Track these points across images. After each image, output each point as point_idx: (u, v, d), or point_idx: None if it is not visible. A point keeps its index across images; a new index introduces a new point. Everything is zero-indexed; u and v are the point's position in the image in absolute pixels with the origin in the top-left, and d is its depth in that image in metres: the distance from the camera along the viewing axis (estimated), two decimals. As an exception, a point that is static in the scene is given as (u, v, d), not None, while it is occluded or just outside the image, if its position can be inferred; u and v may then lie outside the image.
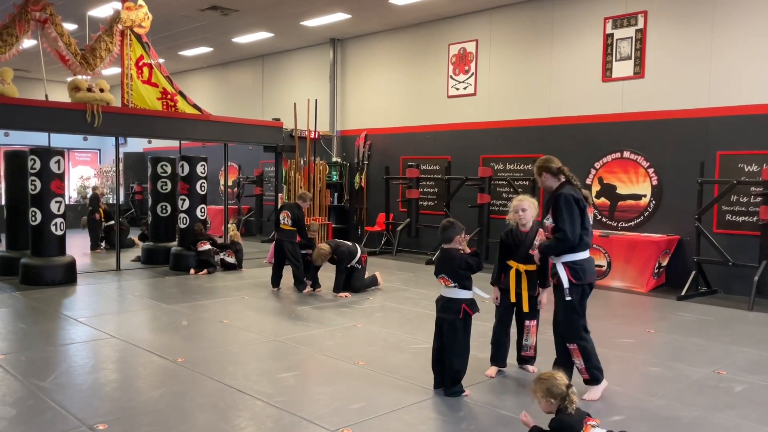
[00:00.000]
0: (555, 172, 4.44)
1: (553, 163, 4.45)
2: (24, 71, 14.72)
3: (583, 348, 4.29)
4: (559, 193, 4.33)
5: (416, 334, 5.97)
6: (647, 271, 8.63)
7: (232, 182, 15.84)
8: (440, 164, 12.01)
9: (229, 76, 17.17)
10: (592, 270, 4.40)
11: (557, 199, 4.30)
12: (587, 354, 4.30)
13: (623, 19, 9.50)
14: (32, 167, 8.43)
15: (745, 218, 8.40)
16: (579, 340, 4.30)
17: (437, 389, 4.37)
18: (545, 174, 4.47)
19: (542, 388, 3.17)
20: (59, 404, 4.05)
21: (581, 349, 4.29)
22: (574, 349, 4.31)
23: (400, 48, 12.79)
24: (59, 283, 8.41)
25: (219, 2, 11.28)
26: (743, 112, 8.41)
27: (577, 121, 10.05)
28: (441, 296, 4.39)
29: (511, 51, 10.98)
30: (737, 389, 4.57)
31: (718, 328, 6.50)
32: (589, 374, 4.32)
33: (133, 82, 10.12)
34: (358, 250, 8.17)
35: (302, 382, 4.63)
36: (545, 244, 4.37)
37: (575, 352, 4.31)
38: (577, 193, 4.33)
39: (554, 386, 3.12)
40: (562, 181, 4.44)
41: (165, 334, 5.97)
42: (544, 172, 4.47)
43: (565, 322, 4.33)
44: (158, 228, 10.70)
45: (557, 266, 4.33)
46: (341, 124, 14.13)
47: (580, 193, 4.36)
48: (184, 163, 10.10)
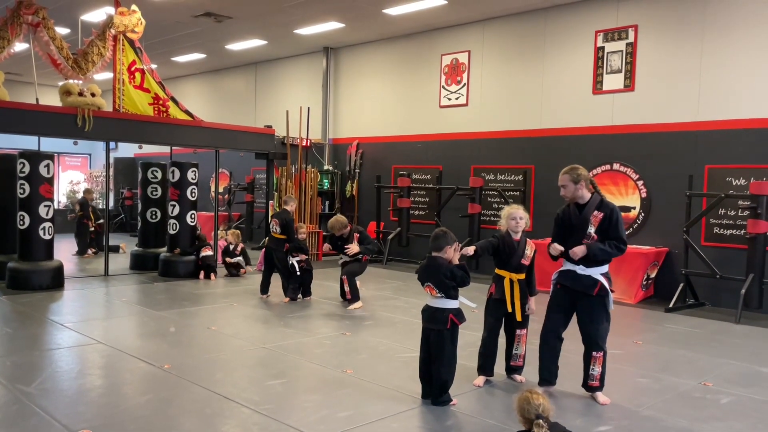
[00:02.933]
0: (590, 182, 4.48)
1: (587, 173, 4.50)
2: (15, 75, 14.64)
3: (605, 356, 4.45)
4: (613, 205, 4.44)
5: (405, 342, 5.96)
6: (636, 282, 8.67)
7: (222, 189, 15.79)
8: (431, 174, 12.04)
9: (221, 83, 17.17)
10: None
11: (614, 211, 4.38)
12: (605, 362, 4.45)
13: (614, 33, 9.60)
14: (21, 171, 8.38)
15: (732, 231, 8.47)
16: (605, 348, 4.44)
17: (425, 399, 4.36)
18: (582, 183, 4.44)
19: (518, 406, 3.15)
20: (44, 409, 4.01)
21: (605, 356, 4.44)
22: (599, 357, 4.42)
23: (393, 57, 12.84)
24: (46, 288, 8.35)
25: (213, 9, 11.29)
26: (732, 126, 8.50)
27: (568, 133, 10.12)
28: (427, 306, 4.38)
29: (503, 62, 11.06)
30: (723, 401, 4.60)
31: (705, 341, 6.54)
32: (600, 382, 4.46)
33: (125, 87, 10.10)
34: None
35: (290, 389, 4.61)
36: (600, 247, 4.34)
37: (599, 359, 4.42)
38: None
39: (525, 410, 3.10)
40: (594, 192, 4.48)
41: (152, 341, 5.93)
42: (582, 181, 4.44)
43: (601, 331, 4.43)
44: (147, 234, 10.65)
45: (596, 277, 4.38)
46: (333, 132, 14.14)
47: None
48: (175, 168, 10.06)
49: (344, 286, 7.79)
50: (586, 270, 4.41)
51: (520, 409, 3.11)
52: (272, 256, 8.13)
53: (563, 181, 4.49)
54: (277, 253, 8.06)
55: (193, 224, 10.18)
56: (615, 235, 4.36)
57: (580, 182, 4.44)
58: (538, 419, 3.03)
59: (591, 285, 4.39)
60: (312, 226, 12.06)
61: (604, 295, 4.40)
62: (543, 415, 3.04)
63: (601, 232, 4.39)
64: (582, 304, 4.46)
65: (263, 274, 8.34)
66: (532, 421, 3.05)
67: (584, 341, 4.48)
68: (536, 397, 3.11)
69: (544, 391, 3.54)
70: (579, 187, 4.45)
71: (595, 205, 4.44)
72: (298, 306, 7.77)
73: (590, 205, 4.45)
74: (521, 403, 3.11)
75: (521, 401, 3.12)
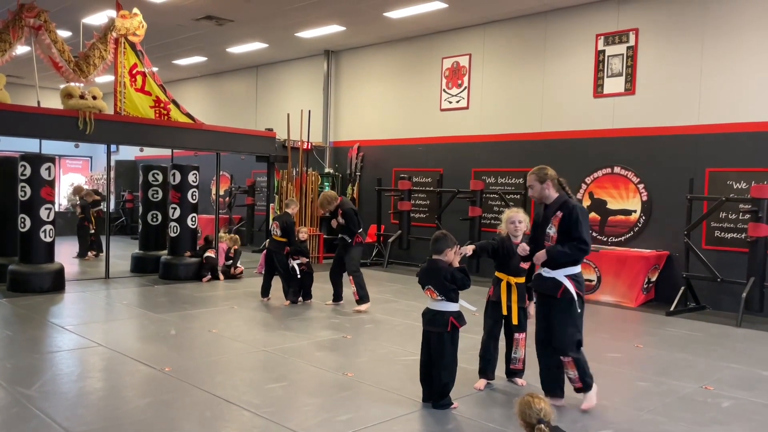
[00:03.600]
0: (557, 182, 4.42)
1: (554, 173, 4.43)
2: (17, 77, 14.67)
3: (576, 360, 4.29)
4: (574, 204, 4.32)
5: (406, 346, 5.96)
6: (637, 286, 8.67)
7: (223, 192, 15.80)
8: (432, 177, 12.05)
9: (222, 86, 17.19)
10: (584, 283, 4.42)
11: (574, 210, 4.26)
12: (581, 365, 4.29)
13: (615, 36, 9.61)
14: (22, 173, 8.39)
15: (733, 235, 8.47)
16: (574, 353, 4.28)
17: (426, 402, 4.36)
18: (549, 183, 4.37)
19: (519, 410, 3.13)
20: (44, 412, 4.01)
21: (575, 361, 4.27)
22: (569, 362, 4.28)
23: (394, 61, 12.86)
24: (47, 291, 8.35)
25: (214, 12, 11.31)
26: (732, 130, 8.50)
27: (569, 136, 10.12)
28: (428, 309, 4.38)
29: (503, 66, 11.07)
30: (724, 405, 4.59)
31: (706, 344, 6.53)
32: (582, 383, 4.32)
33: (126, 90, 10.11)
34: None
35: (290, 392, 4.61)
36: (558, 249, 4.24)
37: (570, 364, 4.28)
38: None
39: (526, 414, 3.08)
40: (562, 192, 4.42)
41: (153, 343, 5.93)
42: (548, 181, 4.37)
43: (566, 335, 4.27)
44: (148, 236, 10.66)
45: (560, 279, 4.24)
46: (334, 135, 14.15)
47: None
48: (176, 171, 10.07)
49: (350, 286, 7.68)
50: (550, 273, 4.30)
51: (521, 413, 3.09)
52: (273, 259, 8.12)
53: (530, 181, 4.45)
54: (278, 256, 8.06)
55: (194, 227, 10.19)
56: (576, 236, 4.22)
57: (546, 182, 4.37)
58: (539, 423, 3.03)
59: (554, 287, 4.28)
60: (313, 228, 12.06)
61: (569, 298, 4.25)
62: (545, 419, 3.03)
63: (562, 233, 4.27)
64: (549, 306, 4.36)
65: (264, 277, 8.34)
66: (533, 426, 3.04)
67: (552, 345, 4.37)
68: (537, 401, 3.09)
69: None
70: (545, 186, 4.37)
71: (557, 205, 4.37)
72: (299, 309, 7.77)
73: (553, 205, 4.39)
74: (522, 407, 3.10)
75: (522, 405, 3.10)
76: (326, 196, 7.77)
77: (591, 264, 9.00)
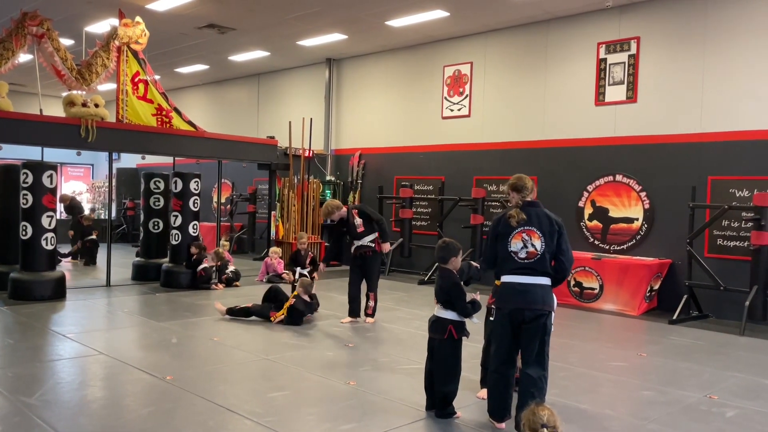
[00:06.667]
0: (514, 192, 4.41)
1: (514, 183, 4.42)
2: (19, 85, 14.70)
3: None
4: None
5: (408, 354, 5.93)
6: (639, 294, 8.64)
7: (225, 199, 15.80)
8: (434, 184, 12.05)
9: (224, 94, 17.23)
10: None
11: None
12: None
13: (616, 45, 9.62)
14: (24, 181, 8.39)
15: (736, 243, 8.45)
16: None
17: (429, 411, 4.34)
18: (511, 193, 4.42)
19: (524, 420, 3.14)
20: (45, 421, 3.99)
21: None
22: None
23: (396, 69, 12.88)
24: (48, 299, 8.33)
25: (216, 21, 11.35)
26: (735, 138, 8.50)
27: (570, 144, 10.13)
28: (433, 315, 4.38)
29: (505, 74, 11.09)
30: (729, 414, 4.56)
31: (709, 353, 6.50)
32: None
33: (129, 98, 10.14)
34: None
35: (292, 401, 4.58)
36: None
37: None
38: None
39: (531, 421, 3.09)
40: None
41: (154, 352, 5.91)
42: (510, 191, 4.41)
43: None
44: (150, 244, 10.64)
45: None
46: (336, 142, 14.17)
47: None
48: (178, 179, 10.06)
49: (369, 300, 7.50)
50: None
51: (528, 421, 3.09)
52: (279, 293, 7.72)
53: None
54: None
55: (195, 235, 10.18)
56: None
57: (511, 193, 4.40)
58: (543, 428, 3.03)
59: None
60: (314, 236, 12.05)
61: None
62: (549, 425, 3.04)
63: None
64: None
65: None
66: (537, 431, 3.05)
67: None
68: (541, 409, 3.11)
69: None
70: (512, 196, 4.40)
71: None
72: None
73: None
74: (527, 415, 3.11)
75: (527, 414, 3.11)
76: (330, 205, 7.44)
77: (593, 272, 8.98)
